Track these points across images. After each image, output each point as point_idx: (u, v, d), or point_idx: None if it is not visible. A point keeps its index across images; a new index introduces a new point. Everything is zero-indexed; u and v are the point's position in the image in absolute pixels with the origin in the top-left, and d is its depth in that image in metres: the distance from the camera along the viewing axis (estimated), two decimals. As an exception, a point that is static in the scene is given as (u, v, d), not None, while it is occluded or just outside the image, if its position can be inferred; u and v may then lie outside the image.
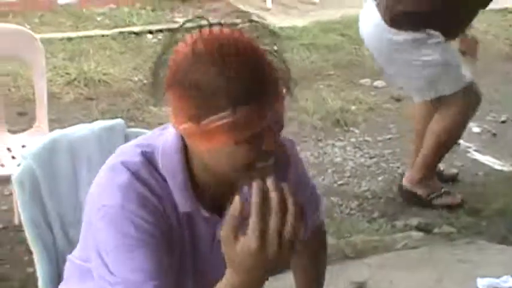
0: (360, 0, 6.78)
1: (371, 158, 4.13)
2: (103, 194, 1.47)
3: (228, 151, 1.37)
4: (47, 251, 1.79)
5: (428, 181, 3.60)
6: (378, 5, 3.47)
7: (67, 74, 4.95)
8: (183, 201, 1.48)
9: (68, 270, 1.69)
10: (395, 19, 3.40)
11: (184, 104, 1.36)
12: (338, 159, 4.12)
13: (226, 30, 1.37)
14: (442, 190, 3.62)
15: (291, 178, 1.59)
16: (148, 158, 1.48)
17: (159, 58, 1.41)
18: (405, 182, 3.65)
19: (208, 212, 1.51)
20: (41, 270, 1.81)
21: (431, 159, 3.59)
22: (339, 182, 3.87)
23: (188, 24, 1.39)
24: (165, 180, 1.47)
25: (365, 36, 3.62)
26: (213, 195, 1.51)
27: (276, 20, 6.14)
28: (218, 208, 1.52)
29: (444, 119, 3.49)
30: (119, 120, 1.94)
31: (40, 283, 1.81)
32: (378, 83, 5.14)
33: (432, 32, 3.38)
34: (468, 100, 3.47)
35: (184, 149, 1.47)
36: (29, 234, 1.81)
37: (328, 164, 4.06)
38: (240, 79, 1.32)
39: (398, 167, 3.98)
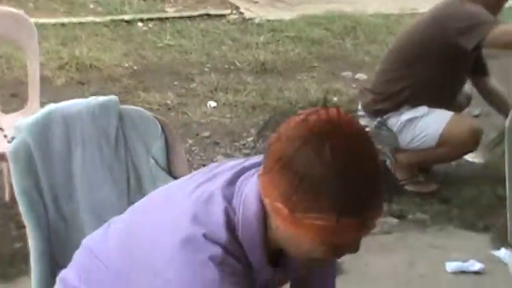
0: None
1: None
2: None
3: (311, 246, 1.29)
4: (38, 223, 1.78)
5: (408, 168, 3.64)
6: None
7: (60, 58, 4.94)
8: (257, 263, 1.38)
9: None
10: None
11: (287, 187, 1.24)
12: (319, 148, 4.14)
13: (354, 133, 1.26)
14: (416, 179, 3.65)
15: None
16: (231, 239, 1.33)
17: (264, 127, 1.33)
18: (388, 162, 3.69)
19: (271, 267, 1.42)
20: (32, 242, 1.80)
21: (422, 162, 3.65)
22: (318, 169, 3.89)
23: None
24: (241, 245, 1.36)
25: None
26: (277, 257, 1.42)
27: (263, 13, 6.16)
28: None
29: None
30: (113, 97, 1.93)
31: (32, 256, 1.80)
32: (359, 76, 5.17)
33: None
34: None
35: (264, 220, 1.34)
36: (21, 206, 1.79)
37: (309, 151, 4.09)
38: (355, 190, 1.22)
39: (376, 156, 4.02)
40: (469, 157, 3.84)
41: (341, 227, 1.23)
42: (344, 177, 1.21)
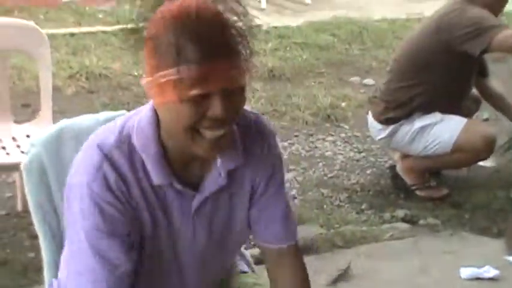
0: (349, 2, 6.86)
1: (360, 152, 4.14)
2: (74, 173, 1.50)
3: (176, 108, 1.36)
4: (52, 234, 1.77)
5: (419, 173, 3.62)
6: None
7: (70, 67, 4.94)
8: (156, 173, 1.47)
9: None
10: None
11: (147, 59, 1.40)
12: (328, 153, 4.12)
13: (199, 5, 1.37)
14: (428, 184, 3.62)
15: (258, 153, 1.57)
16: (124, 137, 1.49)
17: (139, 15, 1.44)
18: (399, 167, 3.66)
19: (181, 185, 1.50)
20: (45, 253, 1.79)
21: (434, 167, 3.63)
22: (329, 175, 3.86)
23: None
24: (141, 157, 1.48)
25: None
26: (186, 171, 1.51)
27: (270, 20, 6.13)
28: (191, 184, 1.52)
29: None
30: (123, 112, 1.92)
31: (45, 266, 1.80)
32: (367, 81, 5.15)
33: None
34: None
35: (157, 123, 1.47)
36: (35, 218, 1.79)
37: (319, 157, 4.06)
38: (191, 40, 1.32)
39: (386, 161, 3.98)
40: (480, 162, 3.80)
41: (186, 76, 1.32)
42: (180, 30, 1.33)
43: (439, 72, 3.39)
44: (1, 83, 3.22)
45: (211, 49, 1.33)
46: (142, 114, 1.50)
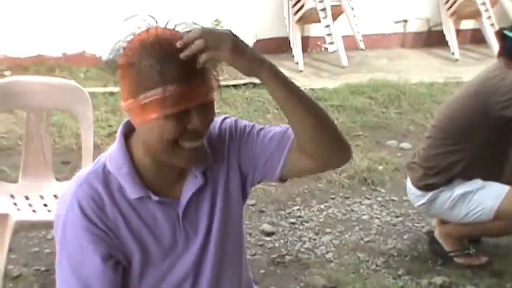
0: (386, 65, 6.91)
1: (397, 216, 4.13)
2: (56, 208, 1.65)
3: (159, 125, 1.52)
4: None
5: (457, 239, 3.59)
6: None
7: (109, 126, 5.04)
8: (132, 188, 1.61)
9: None
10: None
11: (126, 83, 1.54)
12: (365, 217, 4.12)
13: (168, 28, 1.57)
14: (467, 251, 3.59)
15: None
16: (99, 165, 1.64)
17: (114, 45, 1.58)
18: (437, 232, 3.65)
19: (158, 196, 1.63)
20: None
21: (474, 234, 3.61)
22: (366, 239, 3.85)
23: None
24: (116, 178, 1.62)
25: None
26: (160, 182, 1.65)
27: (308, 82, 6.21)
28: (171, 195, 1.66)
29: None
30: None
31: None
32: (404, 145, 5.16)
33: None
34: None
35: (127, 147, 1.63)
36: None
37: (355, 221, 4.06)
38: (172, 62, 1.49)
39: (423, 226, 3.96)
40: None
41: (170, 95, 1.49)
42: (160, 54, 1.50)
43: (479, 138, 3.39)
44: (44, 141, 3.29)
45: (190, 70, 1.51)
46: (114, 145, 1.66)
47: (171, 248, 1.66)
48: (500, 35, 3.44)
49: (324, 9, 6.63)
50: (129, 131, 1.65)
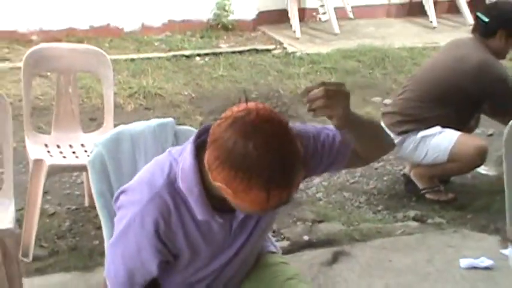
0: (373, 32, 6.92)
1: (378, 161, 4.18)
2: (130, 194, 1.60)
3: (248, 209, 1.48)
4: (110, 217, 1.85)
5: (428, 178, 3.67)
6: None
7: (129, 88, 5.08)
8: (200, 212, 1.56)
9: None
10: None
11: (227, 177, 1.43)
12: (351, 162, 4.18)
13: (269, 119, 1.45)
14: (437, 188, 3.67)
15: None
16: (172, 180, 1.57)
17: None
18: (411, 173, 3.72)
19: (222, 217, 1.59)
20: (106, 232, 1.90)
21: (438, 174, 3.66)
22: (351, 181, 3.93)
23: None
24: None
25: None
26: (224, 203, 1.54)
27: (304, 48, 6.24)
28: (228, 210, 1.59)
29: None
30: (170, 119, 2.03)
31: (105, 243, 1.89)
32: (387, 101, 5.19)
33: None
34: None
35: (199, 169, 1.53)
36: (97, 204, 1.90)
37: (342, 165, 4.13)
38: (277, 169, 1.41)
39: (401, 170, 4.01)
40: (483, 170, 3.84)
41: (271, 197, 1.42)
42: (273, 157, 1.40)
43: (454, 106, 3.47)
44: (73, 99, 3.37)
45: (292, 178, 1.45)
46: (186, 161, 1.55)
47: (218, 248, 1.67)
48: (475, 15, 3.56)
49: (318, -16, 6.62)
50: (201, 143, 1.55)
